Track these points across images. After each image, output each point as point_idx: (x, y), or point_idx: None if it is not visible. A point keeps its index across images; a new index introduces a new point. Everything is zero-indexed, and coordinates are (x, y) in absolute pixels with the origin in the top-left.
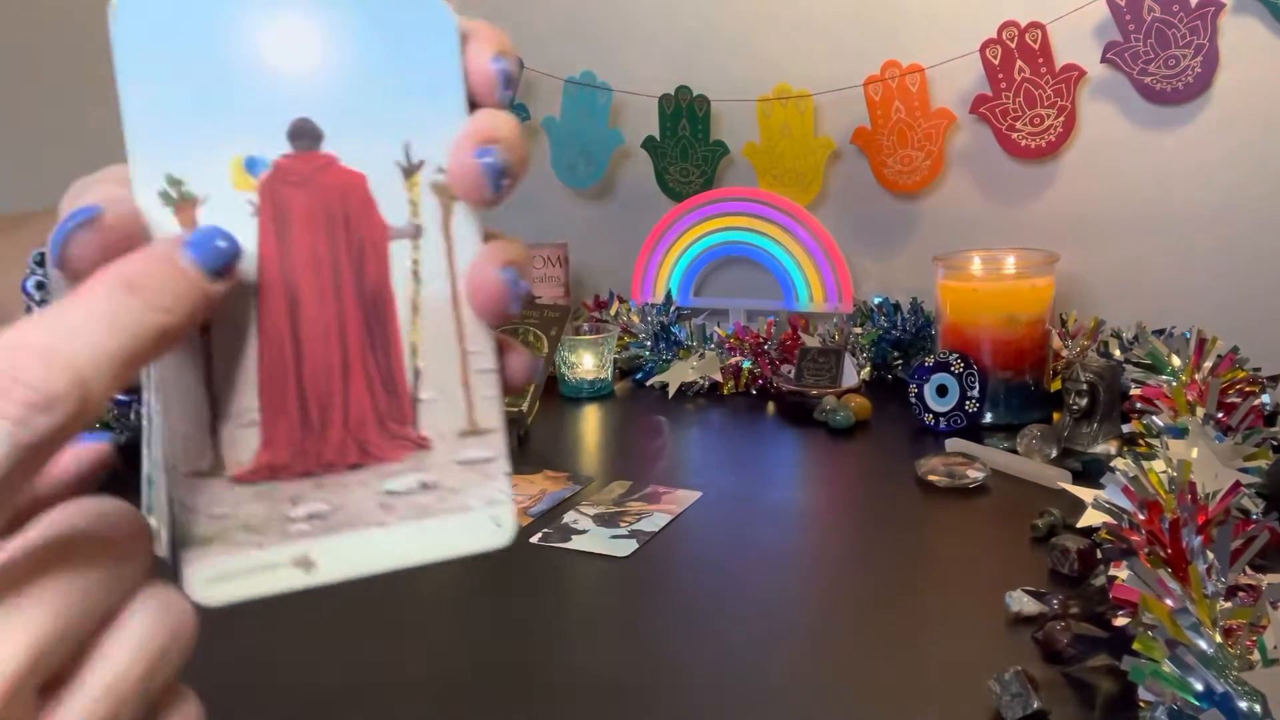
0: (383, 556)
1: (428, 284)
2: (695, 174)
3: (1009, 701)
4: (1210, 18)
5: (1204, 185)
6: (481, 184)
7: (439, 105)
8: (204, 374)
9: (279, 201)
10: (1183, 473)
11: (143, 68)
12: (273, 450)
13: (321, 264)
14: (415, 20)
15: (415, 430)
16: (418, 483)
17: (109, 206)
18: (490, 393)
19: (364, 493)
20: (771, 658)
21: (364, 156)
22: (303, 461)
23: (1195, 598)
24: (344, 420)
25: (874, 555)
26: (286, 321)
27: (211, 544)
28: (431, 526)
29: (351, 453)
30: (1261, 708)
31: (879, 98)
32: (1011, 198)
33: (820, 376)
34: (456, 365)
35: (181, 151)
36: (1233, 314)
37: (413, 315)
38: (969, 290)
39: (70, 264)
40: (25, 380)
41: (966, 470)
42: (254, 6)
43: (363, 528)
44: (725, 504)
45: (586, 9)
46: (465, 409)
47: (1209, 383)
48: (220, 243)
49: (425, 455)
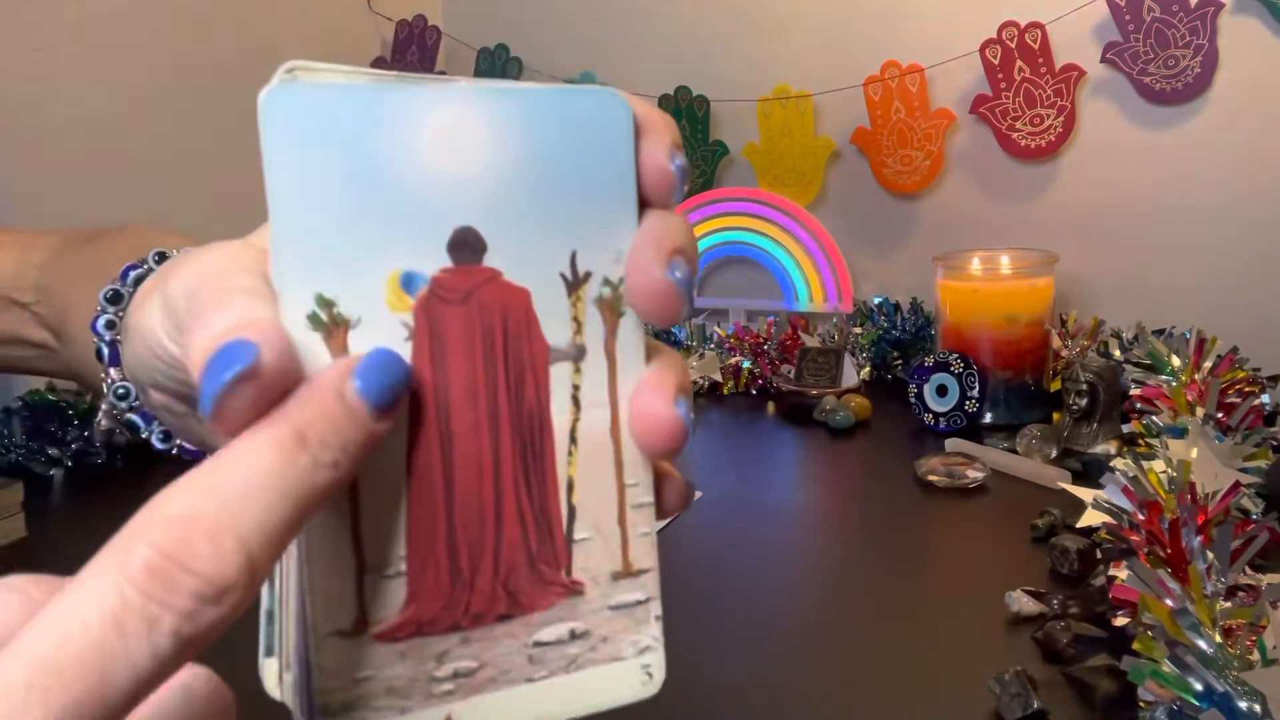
0: (526, 713)
1: (588, 411)
2: (695, 174)
3: (1009, 701)
4: (1210, 18)
5: (1204, 185)
6: (675, 302)
7: (610, 210)
8: (351, 520)
9: (435, 323)
10: (1182, 473)
11: (294, 169)
12: (420, 604)
13: (479, 393)
14: (589, 115)
15: (568, 575)
16: (568, 632)
17: (264, 344)
18: (646, 529)
19: (512, 645)
20: (771, 657)
21: (528, 269)
22: (451, 615)
23: (1195, 598)
24: (494, 567)
25: (874, 555)
26: (439, 459)
27: (353, 712)
28: (579, 679)
29: (501, 603)
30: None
31: (879, 98)
32: (1011, 198)
33: (820, 376)
34: (614, 501)
35: (335, 267)
36: (1233, 314)
37: (570, 446)
38: (969, 290)
39: (228, 424)
40: (196, 569)
41: (966, 470)
42: (417, 101)
43: (509, 685)
44: (725, 504)
45: (586, 9)
46: (620, 548)
47: (1209, 383)
48: (393, 373)
49: (577, 601)
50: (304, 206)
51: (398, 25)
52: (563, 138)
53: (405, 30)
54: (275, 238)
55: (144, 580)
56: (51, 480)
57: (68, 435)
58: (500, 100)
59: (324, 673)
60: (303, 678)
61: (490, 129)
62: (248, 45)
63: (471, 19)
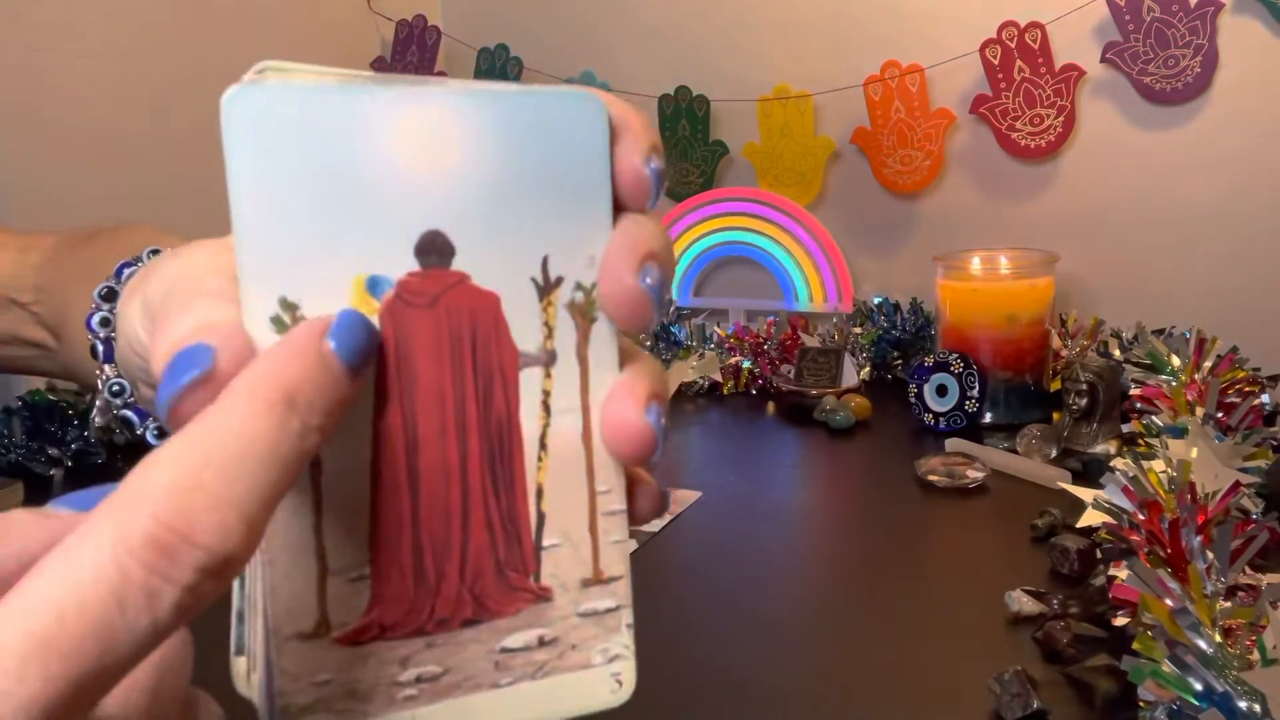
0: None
1: (559, 417)
2: (695, 174)
3: (1009, 701)
4: (1210, 18)
5: (1204, 185)
6: (646, 309)
7: (583, 213)
8: (314, 521)
9: (401, 327)
10: (1182, 473)
11: (257, 171)
12: (383, 608)
13: (446, 398)
14: (563, 117)
15: (536, 581)
16: (536, 638)
17: (221, 349)
18: (618, 536)
19: (478, 650)
20: (770, 657)
21: (498, 274)
22: (415, 620)
23: (1195, 598)
24: (460, 572)
25: (874, 555)
26: (405, 463)
27: (314, 714)
28: (546, 686)
29: (467, 608)
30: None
31: (879, 98)
32: (1011, 197)
33: (820, 376)
34: (584, 508)
35: (299, 271)
36: (1233, 314)
37: (540, 452)
38: (969, 290)
39: (181, 424)
40: (200, 543)
41: (966, 470)
42: (383, 103)
43: (474, 690)
44: (725, 504)
45: (586, 9)
46: (590, 555)
47: (1209, 383)
48: (364, 333)
49: (545, 608)
50: (267, 209)
51: (398, 25)
52: (535, 140)
53: (405, 30)
54: (238, 240)
55: (146, 553)
56: (51, 480)
57: (68, 435)
58: (471, 102)
59: (285, 675)
60: (265, 678)
61: (460, 131)
62: (248, 45)
63: (471, 19)
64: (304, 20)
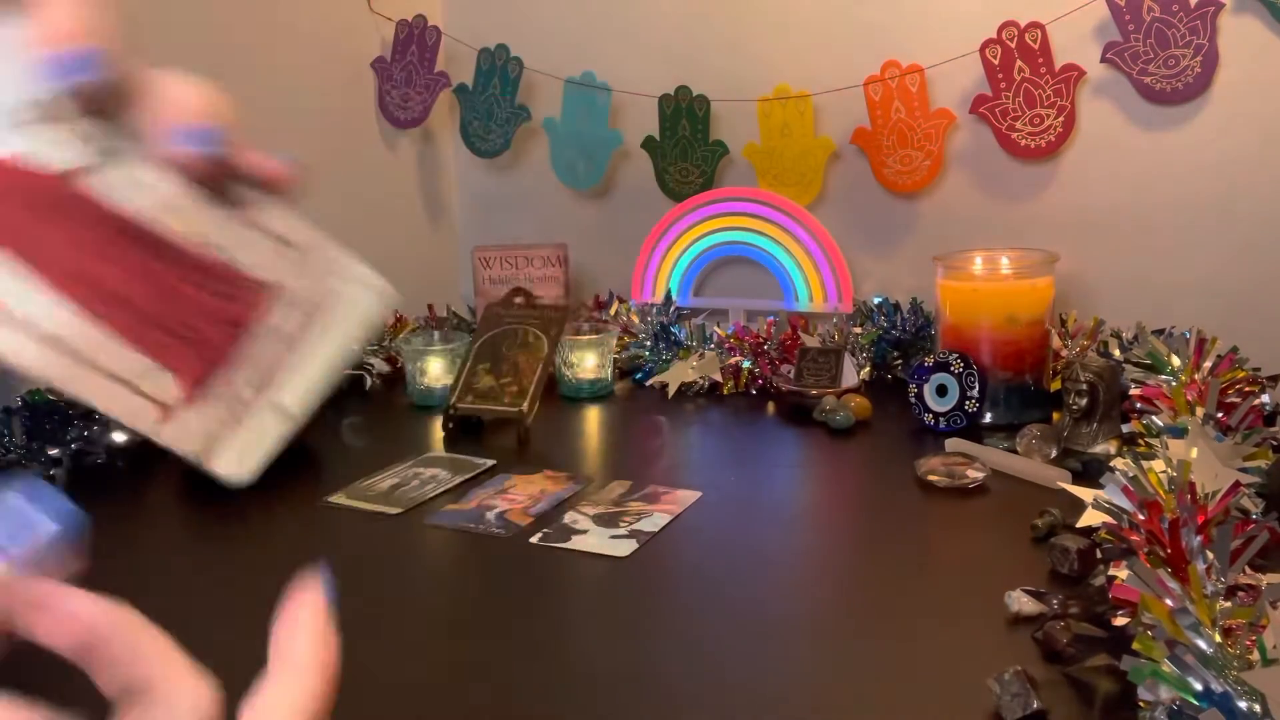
0: (321, 369)
1: (154, 189)
2: (695, 174)
3: (1009, 701)
4: (1210, 18)
5: (1204, 185)
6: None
7: None
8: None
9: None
10: (1182, 473)
11: None
12: (185, 372)
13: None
14: None
15: (251, 277)
16: (292, 312)
17: None
18: (271, 215)
19: (265, 345)
20: (771, 657)
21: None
22: (209, 361)
23: (1195, 597)
24: (204, 316)
25: (874, 555)
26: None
27: (213, 447)
28: (326, 326)
29: (229, 332)
30: (1261, 708)
31: (879, 98)
32: (1011, 198)
33: (820, 376)
34: (231, 220)
35: None
36: (1233, 314)
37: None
38: (969, 290)
39: None
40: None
41: (966, 470)
42: None
43: (288, 366)
44: (725, 504)
45: (587, 9)
46: (269, 242)
47: (1209, 383)
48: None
49: (277, 290)
50: None
51: (398, 25)
52: None
53: (405, 30)
54: None
55: None
56: (52, 480)
57: (68, 435)
58: None
59: (180, 450)
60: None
61: None
62: (248, 45)
63: (471, 19)
64: (304, 20)
